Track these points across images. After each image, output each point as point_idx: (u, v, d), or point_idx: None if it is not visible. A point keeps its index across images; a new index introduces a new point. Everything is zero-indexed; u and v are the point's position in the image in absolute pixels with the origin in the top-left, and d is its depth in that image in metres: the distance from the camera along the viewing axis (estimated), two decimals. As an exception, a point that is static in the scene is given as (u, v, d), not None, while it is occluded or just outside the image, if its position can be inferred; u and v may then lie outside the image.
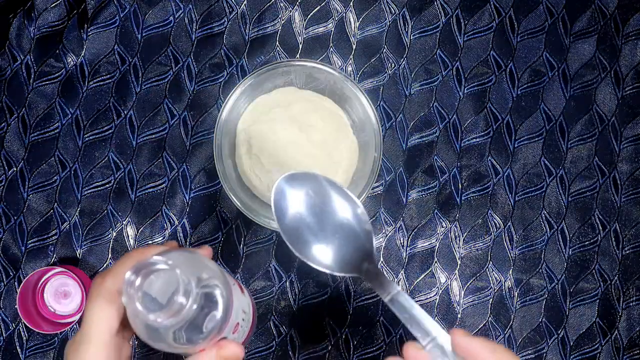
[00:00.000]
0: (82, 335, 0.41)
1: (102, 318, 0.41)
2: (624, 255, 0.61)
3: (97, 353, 0.41)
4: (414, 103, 0.61)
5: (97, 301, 0.41)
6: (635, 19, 0.63)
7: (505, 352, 0.39)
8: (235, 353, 0.41)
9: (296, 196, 0.44)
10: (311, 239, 0.45)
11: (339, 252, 0.45)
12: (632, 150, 0.62)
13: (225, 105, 0.55)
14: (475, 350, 0.39)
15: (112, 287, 0.41)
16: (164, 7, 0.61)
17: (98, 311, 0.41)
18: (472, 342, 0.39)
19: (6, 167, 0.60)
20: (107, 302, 0.41)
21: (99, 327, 0.41)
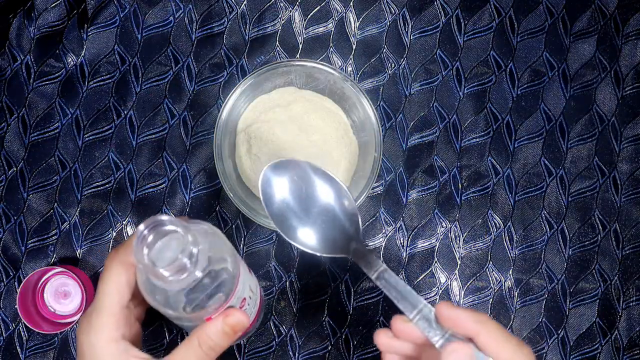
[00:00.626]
0: (94, 305, 0.42)
1: (113, 289, 0.41)
2: (624, 255, 0.61)
3: (108, 322, 0.41)
4: (414, 103, 0.61)
5: (110, 271, 0.42)
6: (635, 19, 0.63)
7: (489, 321, 0.40)
8: (241, 320, 0.42)
9: (282, 183, 0.46)
10: (298, 223, 0.47)
11: (326, 234, 0.47)
12: (632, 150, 0.62)
13: (225, 105, 0.55)
14: (460, 320, 0.40)
15: (125, 260, 0.42)
16: (164, 7, 0.61)
17: (110, 282, 0.41)
18: (456, 312, 0.40)
19: (6, 167, 0.60)
20: (119, 274, 0.41)
21: (110, 298, 0.41)
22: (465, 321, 0.40)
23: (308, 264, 0.59)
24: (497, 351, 0.39)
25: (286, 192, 0.47)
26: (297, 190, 0.47)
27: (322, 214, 0.47)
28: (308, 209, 0.47)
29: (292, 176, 0.47)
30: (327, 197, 0.47)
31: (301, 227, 0.47)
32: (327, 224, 0.47)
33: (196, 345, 0.41)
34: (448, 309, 0.40)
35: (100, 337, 0.41)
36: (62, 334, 0.58)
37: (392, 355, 0.44)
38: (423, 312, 0.41)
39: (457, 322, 0.40)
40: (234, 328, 0.42)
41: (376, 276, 0.43)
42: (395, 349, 0.44)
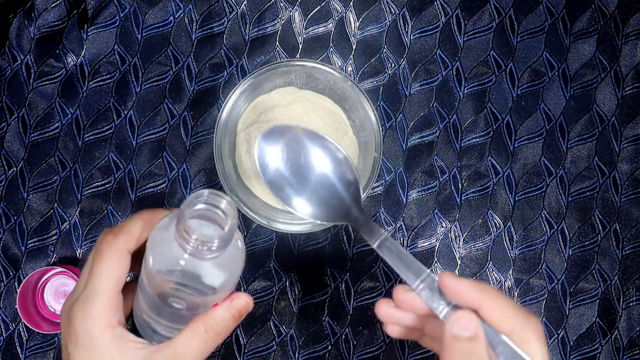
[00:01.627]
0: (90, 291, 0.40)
1: (112, 274, 0.40)
2: (624, 255, 0.61)
3: (105, 308, 0.40)
4: (414, 103, 0.61)
5: (109, 257, 0.40)
6: (635, 19, 0.63)
7: (492, 291, 0.39)
8: (248, 303, 0.42)
9: (277, 150, 0.45)
10: (295, 190, 0.46)
11: (325, 201, 0.45)
12: (632, 150, 0.62)
13: (225, 105, 0.55)
14: (463, 289, 0.38)
15: (124, 246, 0.41)
16: (164, 7, 0.61)
17: (109, 267, 0.40)
18: (459, 282, 0.39)
19: (6, 167, 0.60)
20: (118, 259, 0.40)
21: (108, 283, 0.40)
22: (468, 291, 0.38)
23: (308, 264, 0.60)
24: (501, 322, 0.38)
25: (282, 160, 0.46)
26: (293, 157, 0.45)
27: (320, 181, 0.45)
28: (305, 176, 0.45)
29: (289, 143, 0.45)
30: (326, 164, 0.45)
31: (299, 194, 0.45)
32: (326, 191, 0.45)
33: (202, 331, 0.41)
34: (451, 279, 0.39)
35: (98, 324, 0.40)
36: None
37: (394, 326, 0.43)
38: (426, 282, 0.40)
39: (460, 293, 0.39)
40: (240, 311, 0.42)
41: (378, 244, 0.42)
42: (397, 319, 0.42)
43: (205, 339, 0.41)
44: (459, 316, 0.38)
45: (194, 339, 0.41)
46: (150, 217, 0.42)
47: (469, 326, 0.38)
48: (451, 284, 0.39)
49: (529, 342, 0.38)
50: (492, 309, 0.38)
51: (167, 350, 0.40)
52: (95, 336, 0.40)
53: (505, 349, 0.37)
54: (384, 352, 0.59)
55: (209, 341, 0.41)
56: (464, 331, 0.37)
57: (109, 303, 0.40)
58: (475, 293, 0.38)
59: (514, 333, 0.38)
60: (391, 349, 0.59)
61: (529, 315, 0.39)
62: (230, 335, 0.59)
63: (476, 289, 0.38)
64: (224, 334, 0.41)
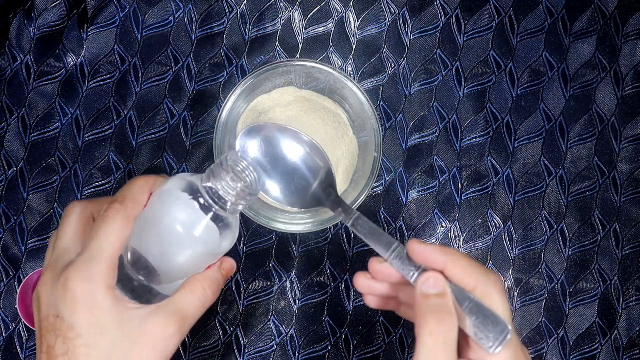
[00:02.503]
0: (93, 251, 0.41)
1: (118, 238, 0.41)
2: (623, 255, 0.61)
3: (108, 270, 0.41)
4: (414, 103, 0.61)
5: (116, 222, 0.42)
6: (635, 19, 0.63)
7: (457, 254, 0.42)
8: (232, 265, 0.47)
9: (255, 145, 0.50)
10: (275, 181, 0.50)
11: (302, 189, 0.50)
12: (632, 150, 0.62)
13: (225, 105, 0.55)
14: (429, 253, 0.42)
15: (131, 212, 0.42)
16: (164, 7, 0.61)
17: (115, 232, 0.41)
18: (425, 247, 0.42)
19: (6, 167, 0.60)
20: (125, 224, 0.42)
21: (114, 245, 0.41)
22: (433, 254, 0.42)
23: (308, 264, 0.60)
24: (465, 279, 0.41)
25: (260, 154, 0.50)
26: (270, 152, 0.50)
27: (294, 171, 0.50)
28: (281, 168, 0.50)
29: (265, 138, 0.50)
30: (298, 154, 0.50)
31: (278, 185, 0.50)
32: (300, 179, 0.50)
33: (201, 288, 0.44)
34: (418, 244, 0.42)
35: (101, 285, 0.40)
36: (62, 334, 0.58)
37: (372, 296, 0.47)
38: (397, 252, 0.43)
39: (426, 256, 0.42)
40: (228, 273, 0.46)
41: (352, 223, 0.46)
42: (374, 289, 0.46)
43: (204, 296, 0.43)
44: (428, 276, 0.41)
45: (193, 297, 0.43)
46: (148, 184, 0.44)
47: (437, 284, 0.41)
48: (418, 249, 0.42)
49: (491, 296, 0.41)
50: (456, 268, 0.41)
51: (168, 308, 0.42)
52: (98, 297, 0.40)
53: (470, 304, 0.41)
54: (384, 352, 0.59)
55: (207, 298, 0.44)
56: (432, 289, 0.41)
57: (112, 265, 0.41)
58: (440, 255, 0.41)
59: (477, 289, 0.41)
60: (391, 349, 0.59)
61: (489, 273, 0.42)
62: (231, 334, 0.59)
63: (441, 251, 0.42)
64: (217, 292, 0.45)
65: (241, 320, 0.59)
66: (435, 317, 0.40)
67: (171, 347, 0.42)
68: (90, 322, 0.40)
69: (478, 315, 0.40)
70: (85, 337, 0.40)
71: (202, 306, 0.44)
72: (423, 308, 0.41)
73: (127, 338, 0.40)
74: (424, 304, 0.41)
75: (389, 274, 0.44)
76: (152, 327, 0.41)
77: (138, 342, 0.40)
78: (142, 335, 0.40)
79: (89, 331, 0.40)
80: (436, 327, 0.40)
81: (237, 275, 0.59)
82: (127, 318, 0.41)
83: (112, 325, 0.40)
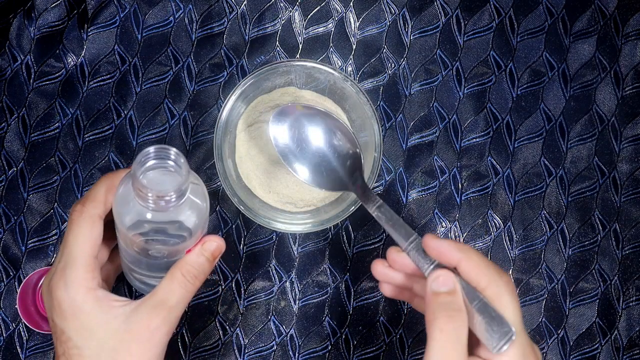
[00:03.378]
0: (67, 260, 0.42)
1: (85, 240, 0.42)
2: (623, 255, 0.61)
3: (84, 273, 0.42)
4: (414, 103, 0.61)
5: (80, 225, 0.42)
6: (635, 19, 0.63)
7: (471, 251, 0.43)
8: (219, 244, 0.45)
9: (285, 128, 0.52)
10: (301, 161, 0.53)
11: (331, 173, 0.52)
12: (632, 150, 0.62)
13: (225, 105, 0.55)
14: (444, 249, 0.43)
15: (94, 211, 0.43)
16: (164, 7, 0.61)
17: (82, 234, 0.42)
18: (441, 242, 0.43)
19: (6, 167, 0.60)
20: (90, 225, 0.42)
21: (83, 248, 0.42)
22: (448, 250, 0.42)
23: (308, 264, 0.60)
24: (477, 278, 0.42)
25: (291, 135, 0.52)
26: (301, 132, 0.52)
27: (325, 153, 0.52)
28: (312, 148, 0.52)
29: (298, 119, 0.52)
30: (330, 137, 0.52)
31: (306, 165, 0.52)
32: (328, 162, 0.52)
33: (180, 276, 0.43)
34: (434, 239, 0.43)
35: (79, 289, 0.41)
36: (62, 334, 0.59)
37: (387, 285, 0.48)
38: (415, 244, 0.45)
39: (441, 252, 0.43)
40: (213, 253, 0.45)
41: (374, 210, 0.48)
42: (390, 278, 0.47)
43: (184, 284, 0.43)
44: (438, 274, 0.42)
45: (173, 286, 0.43)
46: (111, 180, 0.44)
47: (447, 282, 0.42)
48: (433, 244, 0.43)
49: (501, 297, 0.41)
50: (469, 266, 0.42)
51: (151, 301, 0.42)
52: (78, 301, 0.41)
53: (479, 303, 0.41)
54: (384, 352, 0.59)
55: (188, 285, 0.43)
56: (442, 287, 0.42)
57: (87, 267, 0.42)
58: (455, 252, 0.42)
59: (488, 289, 0.42)
60: (391, 349, 0.59)
61: (501, 273, 0.42)
62: (231, 334, 0.59)
63: (455, 248, 0.43)
64: (202, 277, 0.44)
65: (241, 320, 0.59)
66: (445, 314, 0.41)
67: (158, 339, 0.42)
68: (76, 325, 0.41)
69: (485, 314, 0.41)
70: (74, 340, 0.41)
71: (185, 293, 0.43)
72: (433, 305, 0.41)
73: (113, 336, 0.41)
74: (434, 301, 0.42)
75: (405, 264, 0.45)
76: (135, 322, 0.41)
77: (124, 339, 0.41)
78: (127, 332, 0.41)
79: (77, 334, 0.41)
80: (446, 323, 0.40)
81: (237, 275, 0.59)
82: (112, 317, 0.41)
83: (97, 327, 0.41)
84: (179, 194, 0.39)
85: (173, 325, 0.43)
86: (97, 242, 0.43)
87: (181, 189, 0.39)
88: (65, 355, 0.41)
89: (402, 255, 0.45)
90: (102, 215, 0.44)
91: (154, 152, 0.39)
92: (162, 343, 0.43)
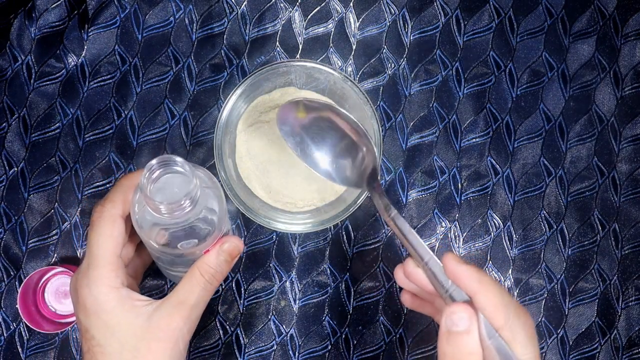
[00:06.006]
0: (90, 259, 0.43)
1: (108, 240, 0.43)
2: (623, 255, 0.61)
3: (107, 272, 0.42)
4: (414, 103, 0.61)
5: (101, 225, 0.43)
6: (634, 20, 0.63)
7: (491, 283, 0.40)
8: (237, 245, 0.45)
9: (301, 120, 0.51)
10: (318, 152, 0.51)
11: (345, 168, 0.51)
12: (631, 150, 0.62)
13: (225, 106, 0.55)
14: (463, 276, 0.40)
15: (113, 211, 0.43)
16: (164, 8, 0.61)
17: (103, 234, 0.43)
18: (461, 268, 0.40)
19: (7, 167, 0.60)
20: (110, 225, 0.43)
21: (106, 248, 0.43)
22: (467, 278, 0.40)
23: (308, 264, 0.60)
24: (493, 315, 0.39)
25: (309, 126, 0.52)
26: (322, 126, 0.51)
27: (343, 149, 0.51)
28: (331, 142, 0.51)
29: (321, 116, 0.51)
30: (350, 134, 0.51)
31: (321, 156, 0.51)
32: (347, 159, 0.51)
33: (199, 276, 0.44)
34: (454, 263, 0.40)
35: (102, 288, 0.42)
36: (62, 333, 0.59)
37: (408, 295, 0.47)
38: (429, 264, 0.42)
39: (459, 278, 0.40)
40: (231, 254, 0.45)
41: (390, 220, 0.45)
42: (410, 287, 0.45)
43: (204, 283, 0.44)
44: (454, 310, 0.39)
45: (192, 286, 0.44)
46: (130, 181, 0.45)
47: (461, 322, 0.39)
48: (452, 267, 0.40)
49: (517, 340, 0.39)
50: (487, 301, 0.39)
51: (172, 301, 0.43)
52: (101, 300, 0.42)
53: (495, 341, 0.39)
54: (384, 352, 0.59)
55: (207, 285, 0.44)
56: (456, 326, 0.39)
57: (110, 267, 0.42)
58: (474, 281, 0.39)
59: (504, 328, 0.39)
60: (391, 348, 0.59)
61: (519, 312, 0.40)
62: (231, 334, 0.59)
63: (475, 277, 0.40)
64: (220, 277, 0.45)
65: (241, 320, 0.59)
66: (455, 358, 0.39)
67: (180, 337, 0.43)
68: (99, 324, 0.41)
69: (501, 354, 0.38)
70: (98, 338, 0.41)
71: (204, 292, 0.44)
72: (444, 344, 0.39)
73: (135, 335, 0.42)
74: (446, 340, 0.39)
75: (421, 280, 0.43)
76: (157, 321, 0.42)
77: (145, 338, 0.42)
78: (149, 331, 0.42)
79: (100, 332, 0.41)
80: None
81: (238, 275, 0.59)
82: (134, 315, 0.42)
83: (119, 325, 0.42)
84: (192, 199, 0.40)
85: (194, 324, 0.44)
86: (118, 241, 0.43)
87: (193, 193, 0.40)
88: (90, 352, 0.42)
89: (418, 270, 0.43)
90: (123, 215, 0.44)
91: (157, 163, 0.40)
92: (184, 342, 0.43)
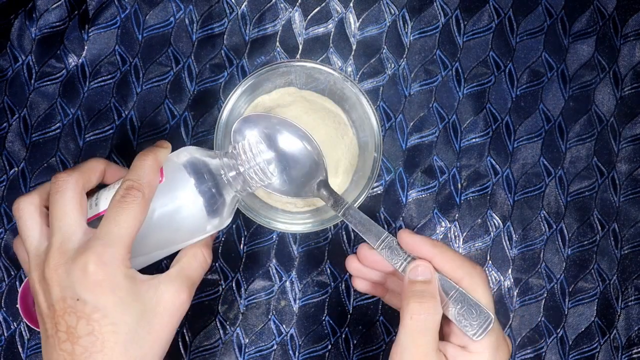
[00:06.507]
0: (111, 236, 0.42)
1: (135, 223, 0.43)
2: (622, 255, 0.61)
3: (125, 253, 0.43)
4: (414, 103, 0.62)
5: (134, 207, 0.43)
6: (634, 20, 0.63)
7: (445, 247, 0.45)
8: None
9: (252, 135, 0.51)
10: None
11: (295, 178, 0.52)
12: (630, 150, 0.62)
13: (225, 106, 0.55)
14: (418, 244, 0.45)
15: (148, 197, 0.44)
16: (164, 8, 0.61)
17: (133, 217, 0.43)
18: (415, 237, 0.45)
19: (7, 167, 0.60)
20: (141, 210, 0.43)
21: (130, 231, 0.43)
22: (423, 245, 0.45)
23: (308, 264, 0.60)
24: (452, 271, 0.44)
25: None
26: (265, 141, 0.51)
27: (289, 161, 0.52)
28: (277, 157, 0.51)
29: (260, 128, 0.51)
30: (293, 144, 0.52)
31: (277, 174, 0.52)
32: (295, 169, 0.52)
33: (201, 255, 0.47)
34: (408, 235, 0.45)
35: (120, 268, 0.42)
36: (63, 333, 0.59)
37: (360, 280, 0.50)
38: (386, 242, 0.46)
39: (415, 247, 0.45)
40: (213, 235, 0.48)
41: (342, 212, 0.49)
42: (363, 274, 0.50)
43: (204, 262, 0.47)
44: (417, 264, 0.45)
45: (196, 262, 0.46)
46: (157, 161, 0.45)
47: (424, 272, 0.44)
48: (408, 239, 0.45)
49: (476, 288, 0.44)
50: (444, 260, 0.45)
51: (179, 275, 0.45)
52: (118, 279, 0.42)
53: (456, 293, 0.44)
54: (384, 352, 0.59)
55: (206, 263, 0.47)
56: (419, 276, 0.44)
57: (129, 248, 0.43)
58: (430, 247, 0.45)
59: (463, 281, 0.44)
60: (391, 348, 0.59)
61: (474, 266, 0.45)
62: (231, 334, 0.59)
63: (430, 243, 0.45)
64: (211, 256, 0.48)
65: (241, 320, 0.59)
66: (417, 301, 0.43)
67: (183, 312, 0.44)
68: (114, 302, 0.42)
69: (463, 304, 0.43)
70: (111, 317, 0.41)
71: (203, 271, 0.47)
72: (409, 293, 0.44)
73: (147, 309, 0.43)
74: (409, 289, 0.44)
75: (376, 261, 0.48)
76: (167, 294, 0.44)
77: (156, 311, 0.43)
78: (159, 304, 0.43)
79: (114, 310, 0.42)
80: (417, 310, 0.43)
81: (238, 274, 0.60)
82: (143, 290, 0.43)
83: (133, 302, 0.42)
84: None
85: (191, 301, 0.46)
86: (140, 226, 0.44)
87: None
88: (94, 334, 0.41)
89: (372, 252, 0.47)
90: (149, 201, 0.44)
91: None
92: (182, 316, 0.45)
